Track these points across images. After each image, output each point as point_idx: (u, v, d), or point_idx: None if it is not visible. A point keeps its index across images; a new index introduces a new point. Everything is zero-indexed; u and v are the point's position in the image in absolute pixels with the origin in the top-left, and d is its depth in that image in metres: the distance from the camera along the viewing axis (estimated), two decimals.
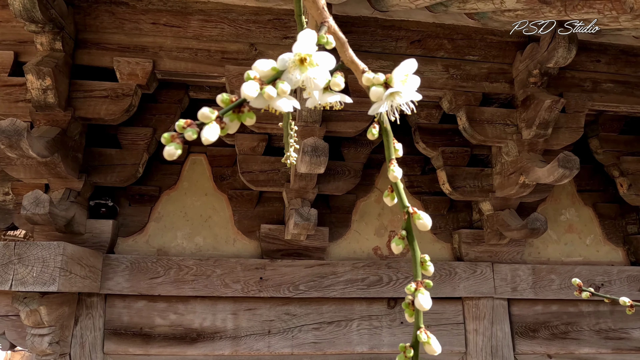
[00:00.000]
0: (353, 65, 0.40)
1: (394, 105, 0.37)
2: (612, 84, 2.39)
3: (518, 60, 2.27)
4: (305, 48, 0.34)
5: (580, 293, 0.61)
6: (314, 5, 0.41)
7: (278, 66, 0.34)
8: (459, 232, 2.62)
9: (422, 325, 0.35)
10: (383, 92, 0.37)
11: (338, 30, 0.40)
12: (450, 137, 2.50)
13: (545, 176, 2.05)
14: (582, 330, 2.62)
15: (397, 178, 0.38)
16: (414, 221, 0.36)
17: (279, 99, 0.33)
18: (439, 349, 0.34)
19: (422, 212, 0.36)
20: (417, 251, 0.36)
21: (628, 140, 2.68)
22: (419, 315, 0.35)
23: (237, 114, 0.32)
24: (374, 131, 0.40)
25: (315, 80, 0.35)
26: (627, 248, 2.85)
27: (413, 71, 0.38)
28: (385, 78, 0.37)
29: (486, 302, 2.50)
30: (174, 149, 0.29)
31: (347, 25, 2.17)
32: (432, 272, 0.37)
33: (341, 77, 0.38)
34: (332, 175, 2.39)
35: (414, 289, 0.34)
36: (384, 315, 2.46)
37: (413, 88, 0.38)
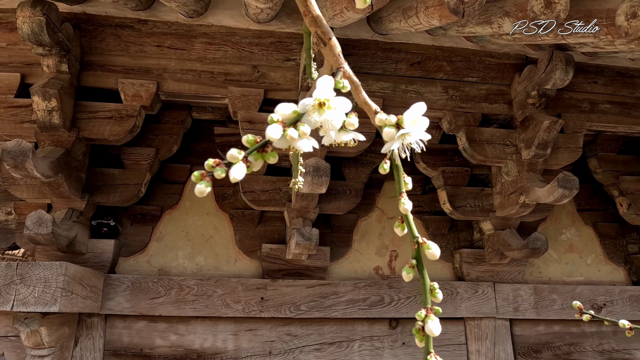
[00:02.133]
0: (366, 106, 0.43)
1: (405, 144, 0.39)
2: (609, 105, 2.43)
3: (516, 82, 2.31)
4: (324, 93, 0.37)
5: (581, 316, 0.62)
6: (331, 52, 0.43)
7: (299, 110, 0.36)
8: (460, 252, 2.62)
9: (432, 350, 0.36)
10: (395, 133, 0.39)
11: (352, 74, 0.43)
12: (450, 157, 2.52)
13: (545, 196, 2.06)
14: (585, 351, 2.60)
15: (408, 210, 0.40)
16: (424, 251, 0.38)
17: (300, 140, 0.35)
18: None
19: (431, 242, 0.38)
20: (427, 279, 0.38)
21: (626, 160, 2.71)
22: (428, 340, 0.36)
23: (262, 154, 0.34)
24: (386, 166, 0.42)
25: (332, 122, 0.37)
26: (629, 268, 2.85)
27: (422, 113, 0.40)
28: (397, 119, 0.40)
29: (488, 322, 2.49)
30: (204, 187, 0.31)
31: (348, 48, 2.21)
32: (441, 299, 0.38)
33: (355, 117, 0.41)
34: (333, 194, 2.40)
35: (424, 315, 0.35)
36: (385, 336, 2.45)
37: (422, 128, 0.40)
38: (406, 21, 1.68)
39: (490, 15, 1.58)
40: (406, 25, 1.73)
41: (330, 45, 0.43)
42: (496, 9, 1.55)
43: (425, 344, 0.36)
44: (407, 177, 0.41)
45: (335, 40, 0.44)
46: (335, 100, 0.37)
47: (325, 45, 0.43)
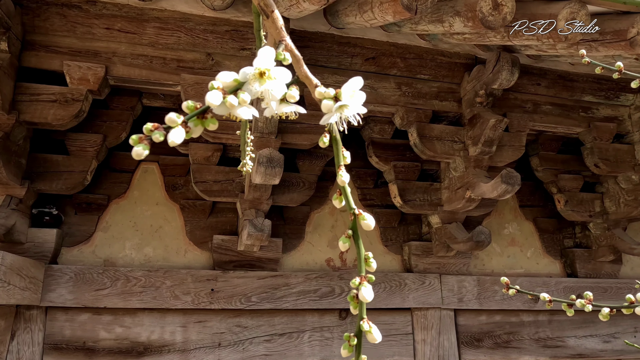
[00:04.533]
0: (307, 80, 0.44)
1: (343, 117, 0.41)
2: (551, 106, 2.56)
3: (466, 81, 2.39)
4: (264, 63, 0.38)
5: (508, 290, 0.67)
6: (273, 25, 0.44)
7: (240, 78, 0.36)
8: (409, 245, 2.69)
9: (365, 315, 0.38)
10: (333, 105, 0.40)
11: (294, 48, 0.44)
12: (402, 152, 2.58)
13: (490, 191, 2.15)
14: (523, 339, 2.75)
15: (345, 182, 0.41)
16: (359, 222, 0.40)
17: (240, 108, 0.35)
18: (380, 337, 0.36)
19: (366, 213, 0.39)
20: (362, 249, 0.39)
21: (565, 160, 2.86)
22: (362, 306, 0.38)
23: (201, 120, 0.34)
24: (325, 139, 0.44)
25: (273, 92, 0.38)
26: (564, 261, 3.03)
27: (360, 87, 0.42)
28: (336, 92, 0.41)
29: (434, 312, 2.58)
30: (142, 150, 0.31)
31: (304, 40, 2.21)
32: (375, 268, 0.40)
33: (296, 90, 0.41)
34: (287, 186, 2.41)
35: (358, 282, 0.37)
36: (335, 327, 2.49)
37: (359, 102, 0.42)
38: (362, 16, 1.70)
39: (442, 14, 1.63)
40: (362, 19, 1.75)
41: (273, 17, 0.44)
42: (448, 8, 1.60)
43: (359, 310, 0.38)
44: (345, 151, 0.42)
45: (277, 14, 0.45)
46: (276, 70, 0.38)
47: (267, 18, 0.44)
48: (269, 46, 0.40)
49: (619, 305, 0.55)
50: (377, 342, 0.37)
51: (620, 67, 0.66)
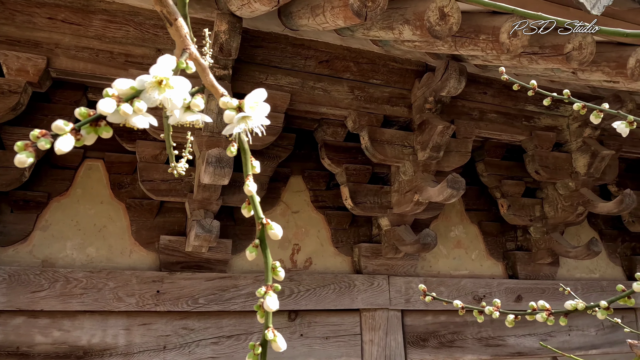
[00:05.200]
0: (214, 89, 0.43)
1: (247, 128, 0.41)
2: (496, 115, 2.66)
3: (416, 87, 2.45)
4: (162, 71, 0.37)
5: (425, 297, 0.69)
6: (177, 33, 0.43)
7: (137, 86, 0.36)
8: (359, 246, 2.73)
9: (271, 325, 0.38)
10: (234, 116, 0.40)
11: (199, 56, 0.43)
12: (354, 154, 2.61)
13: (436, 195, 2.22)
14: (466, 338, 2.84)
15: (252, 192, 0.41)
16: (267, 231, 0.40)
17: (136, 116, 0.35)
18: (284, 345, 0.37)
19: (274, 223, 0.40)
20: (269, 258, 0.40)
21: (509, 166, 2.99)
22: (268, 316, 0.38)
23: (95, 127, 0.33)
24: (233, 149, 0.43)
25: (173, 101, 0.37)
26: (506, 263, 3.16)
27: (263, 99, 0.42)
28: (239, 103, 0.41)
29: (382, 313, 2.63)
30: (25, 157, 0.30)
31: (257, 40, 2.19)
32: (282, 277, 0.40)
33: (201, 99, 0.41)
34: (237, 187, 2.38)
35: (263, 292, 0.37)
36: (284, 328, 2.48)
37: (263, 114, 0.42)
38: (314, 19, 1.71)
39: (393, 22, 1.67)
40: (314, 22, 1.76)
41: (177, 25, 0.44)
42: (398, 16, 1.63)
43: (265, 319, 0.38)
44: (254, 161, 0.42)
45: (182, 21, 0.44)
46: (174, 80, 0.37)
47: (171, 25, 0.44)
48: (171, 55, 0.39)
49: (523, 312, 0.58)
50: (282, 350, 0.38)
51: (534, 85, 0.70)
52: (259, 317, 0.38)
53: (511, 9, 0.67)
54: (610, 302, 0.51)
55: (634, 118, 0.53)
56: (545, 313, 0.54)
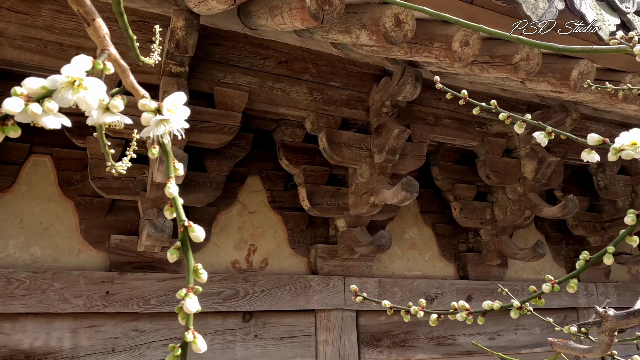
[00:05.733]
0: (134, 90, 0.43)
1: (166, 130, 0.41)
2: (450, 120, 2.74)
3: (374, 91, 2.49)
4: (75, 72, 0.36)
5: (355, 298, 0.70)
6: (95, 34, 0.42)
7: (48, 85, 0.35)
8: (316, 247, 2.74)
9: (191, 326, 0.38)
10: (151, 118, 0.40)
11: (119, 57, 0.43)
12: (312, 156, 2.62)
13: (391, 197, 2.26)
14: (418, 338, 2.91)
15: (173, 194, 0.41)
16: (189, 233, 0.40)
17: (46, 116, 0.34)
18: (204, 347, 0.37)
19: (196, 225, 0.40)
20: (191, 261, 0.40)
21: (462, 170, 3.08)
22: (189, 318, 0.38)
23: (1, 127, 0.33)
24: (154, 151, 0.43)
25: (88, 102, 0.37)
26: (458, 264, 3.26)
27: (183, 102, 0.42)
28: (158, 106, 0.41)
29: (337, 313, 2.65)
30: None
31: (216, 38, 2.17)
32: (206, 280, 0.40)
33: (120, 100, 0.41)
34: (192, 186, 2.34)
35: (184, 294, 0.37)
36: (238, 329, 2.46)
37: (182, 117, 0.42)
38: (272, 19, 1.71)
39: (350, 26, 1.69)
40: (273, 23, 1.76)
41: (95, 26, 0.43)
42: (355, 20, 1.65)
43: (186, 322, 0.38)
44: (177, 163, 0.42)
45: (100, 22, 0.44)
46: (88, 81, 0.37)
47: (89, 26, 0.43)
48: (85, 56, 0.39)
49: (445, 312, 0.61)
50: (202, 352, 0.38)
51: (465, 94, 0.73)
52: (180, 319, 0.38)
53: (454, 19, 0.70)
54: (522, 302, 0.54)
55: (552, 129, 0.57)
56: (464, 312, 0.57)
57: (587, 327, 0.50)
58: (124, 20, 0.46)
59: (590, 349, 0.50)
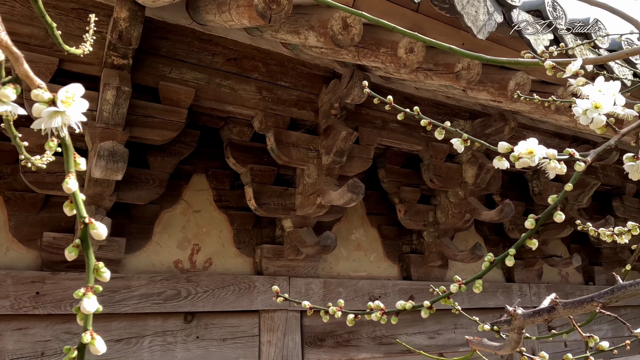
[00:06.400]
0: (28, 79, 0.41)
1: (62, 123, 0.39)
2: (397, 125, 2.80)
3: (323, 93, 2.50)
4: None
5: (277, 299, 0.71)
6: None
7: None
8: (261, 247, 2.73)
9: (90, 327, 0.37)
10: (43, 109, 0.39)
11: (12, 45, 0.41)
12: (259, 155, 2.60)
13: (337, 199, 2.28)
14: (362, 337, 2.96)
15: (72, 190, 0.40)
16: (89, 231, 0.38)
17: None
18: (104, 348, 0.36)
19: (98, 222, 0.38)
20: (92, 259, 0.38)
21: (407, 173, 3.16)
22: (87, 319, 0.37)
23: None
24: (52, 144, 0.42)
25: None
26: (401, 265, 3.34)
27: (80, 95, 0.41)
28: (52, 97, 0.39)
29: (281, 314, 2.64)
30: None
31: (162, 32, 2.11)
32: (108, 279, 0.39)
33: (11, 89, 0.39)
34: (134, 183, 2.27)
35: (82, 293, 0.36)
36: (179, 331, 2.40)
37: (79, 110, 0.40)
38: (220, 15, 1.68)
39: (299, 26, 1.69)
40: (221, 19, 1.73)
41: None
42: (304, 21, 1.66)
43: (84, 322, 0.37)
44: (79, 158, 0.41)
45: None
46: None
47: None
48: None
49: (361, 312, 0.63)
50: (101, 353, 0.37)
51: (390, 100, 0.75)
52: (79, 319, 0.37)
53: (391, 26, 0.71)
54: (432, 302, 0.56)
55: (467, 136, 0.59)
56: (379, 312, 0.59)
57: (499, 325, 0.52)
58: (39, 6, 0.44)
59: (501, 346, 0.53)
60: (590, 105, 0.42)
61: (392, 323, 2.53)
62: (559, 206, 2.27)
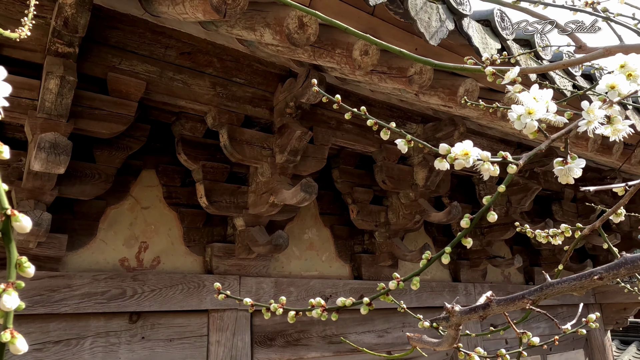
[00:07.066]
0: None
1: None
2: (351, 126, 2.84)
3: (279, 91, 2.49)
4: None
5: (218, 295, 0.70)
6: None
7: None
8: (212, 246, 2.68)
9: (10, 325, 0.35)
10: None
11: None
12: (212, 152, 2.56)
13: (290, 198, 2.28)
14: (312, 337, 2.97)
15: None
16: (12, 223, 0.36)
17: None
18: (25, 347, 0.34)
19: (21, 214, 0.36)
20: (14, 253, 0.36)
21: (360, 174, 3.20)
22: (8, 316, 0.35)
23: None
24: None
25: None
26: (353, 264, 3.38)
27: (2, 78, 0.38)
28: None
29: (230, 313, 2.61)
30: None
31: (112, 21, 2.03)
32: (32, 274, 0.37)
33: None
34: (78, 177, 2.17)
35: (2, 289, 0.34)
36: (124, 331, 2.32)
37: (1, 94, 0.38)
38: (174, 7, 1.64)
39: (255, 23, 1.68)
40: (174, 11, 1.69)
41: None
42: (260, 18, 1.65)
43: (4, 320, 0.35)
44: (3, 146, 0.39)
45: None
46: None
47: None
48: None
49: (303, 309, 0.63)
50: (22, 352, 0.35)
51: (338, 99, 0.76)
52: None
53: (344, 27, 0.72)
54: (372, 299, 0.58)
55: (411, 137, 0.61)
56: (319, 309, 0.60)
57: (438, 322, 0.54)
58: None
59: (439, 342, 0.55)
60: (524, 111, 0.45)
61: (343, 322, 2.57)
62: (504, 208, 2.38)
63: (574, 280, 0.44)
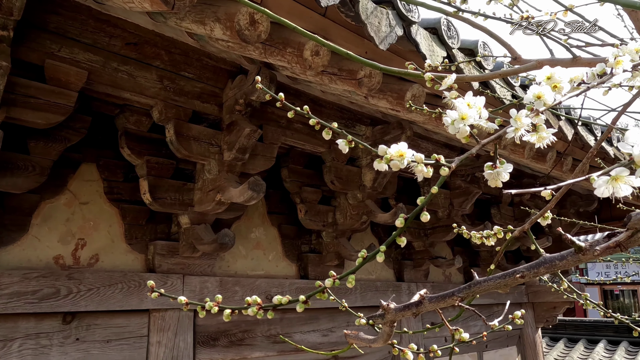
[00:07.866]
0: None
1: None
2: (302, 125, 2.84)
3: (229, 88, 2.46)
4: None
5: (151, 294, 0.69)
6: None
7: None
8: (155, 244, 2.60)
9: None
10: None
11: None
12: (157, 147, 2.49)
13: (237, 196, 2.25)
14: (256, 336, 2.95)
15: None
16: None
17: None
18: None
19: None
20: None
21: (309, 174, 3.22)
22: None
23: None
24: None
25: None
26: (299, 264, 3.38)
27: None
28: None
29: (173, 313, 2.54)
30: None
31: (52, 5, 1.93)
32: None
33: None
34: (10, 169, 2.04)
35: None
36: (56, 332, 2.21)
37: None
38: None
39: (205, 17, 1.64)
40: (120, 0, 1.62)
41: None
42: (210, 12, 1.62)
43: None
44: None
45: None
46: None
47: None
48: None
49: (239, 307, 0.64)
50: None
51: (282, 97, 0.77)
52: None
53: (292, 26, 0.72)
54: (308, 297, 0.58)
55: (352, 138, 0.63)
56: (255, 307, 0.60)
57: (373, 319, 0.56)
58: None
59: (375, 339, 0.56)
60: (457, 116, 0.47)
61: (288, 321, 2.57)
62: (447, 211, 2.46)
63: (499, 278, 0.47)
